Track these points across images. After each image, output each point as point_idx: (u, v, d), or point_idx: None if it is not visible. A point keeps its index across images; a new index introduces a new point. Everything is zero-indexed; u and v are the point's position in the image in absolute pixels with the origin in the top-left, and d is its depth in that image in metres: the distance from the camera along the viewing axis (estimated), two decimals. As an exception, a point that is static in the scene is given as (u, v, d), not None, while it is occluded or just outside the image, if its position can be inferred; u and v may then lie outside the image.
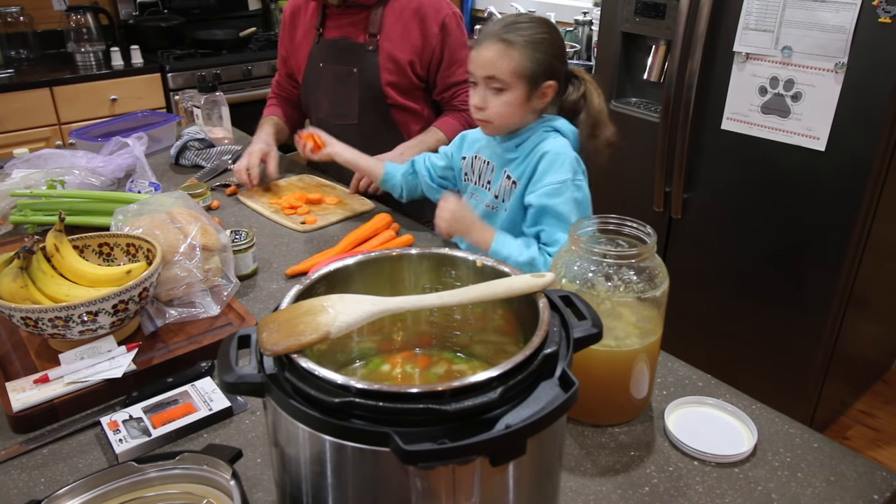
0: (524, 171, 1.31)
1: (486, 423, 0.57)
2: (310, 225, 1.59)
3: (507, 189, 1.34)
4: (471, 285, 0.74)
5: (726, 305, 2.20)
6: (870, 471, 0.88)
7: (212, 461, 0.77)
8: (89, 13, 3.27)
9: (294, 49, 1.90)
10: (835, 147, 1.83)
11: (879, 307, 2.31)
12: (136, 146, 1.81)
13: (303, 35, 1.87)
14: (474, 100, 1.29)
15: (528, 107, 1.29)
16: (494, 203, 1.38)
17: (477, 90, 1.29)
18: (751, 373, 2.16)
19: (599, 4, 2.50)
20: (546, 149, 1.28)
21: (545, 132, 1.31)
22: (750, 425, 0.95)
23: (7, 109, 2.90)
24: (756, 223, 2.05)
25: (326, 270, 0.78)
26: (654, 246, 0.92)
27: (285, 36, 1.92)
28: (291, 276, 1.37)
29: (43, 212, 1.52)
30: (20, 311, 0.98)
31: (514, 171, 1.33)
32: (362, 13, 1.76)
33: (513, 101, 1.26)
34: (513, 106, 1.27)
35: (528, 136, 1.32)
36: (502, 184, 1.35)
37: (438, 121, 1.83)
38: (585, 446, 0.93)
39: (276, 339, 0.64)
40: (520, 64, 1.24)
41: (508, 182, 1.34)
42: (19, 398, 0.96)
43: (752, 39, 1.91)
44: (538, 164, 1.28)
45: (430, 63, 1.76)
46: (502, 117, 1.29)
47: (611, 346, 0.92)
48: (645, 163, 2.26)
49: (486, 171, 1.39)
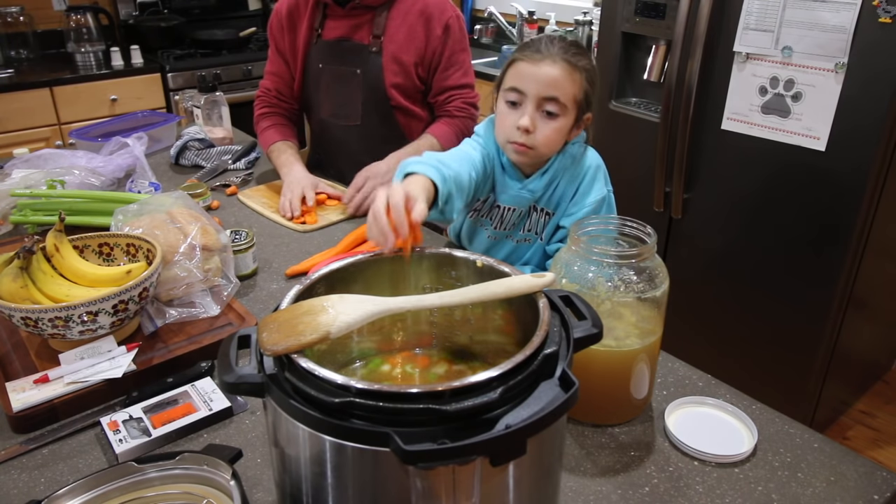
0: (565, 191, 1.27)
1: (486, 423, 0.57)
2: (310, 225, 1.59)
3: (541, 222, 1.31)
4: (471, 285, 0.74)
5: (726, 305, 2.20)
6: (870, 471, 0.88)
7: (212, 461, 0.77)
8: (89, 13, 3.27)
9: (291, 51, 1.85)
10: (835, 147, 1.83)
11: (879, 307, 2.31)
12: (136, 146, 1.81)
13: (300, 36, 1.82)
14: (523, 121, 1.17)
15: (568, 137, 1.23)
16: (527, 236, 1.34)
17: (525, 110, 1.18)
18: (751, 373, 2.16)
19: (599, 4, 2.51)
20: (591, 162, 1.26)
21: (573, 145, 1.26)
22: (750, 425, 0.95)
23: (7, 109, 2.90)
24: (756, 223, 2.05)
25: (326, 270, 0.78)
26: (654, 246, 0.92)
27: (281, 37, 1.84)
28: (291, 276, 1.37)
29: (43, 212, 1.52)
30: (20, 311, 0.98)
31: (548, 204, 1.29)
32: (367, 14, 1.75)
33: (562, 129, 1.19)
34: (561, 134, 1.20)
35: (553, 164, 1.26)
36: (535, 218, 1.31)
37: (432, 126, 1.79)
38: (585, 446, 0.93)
39: (276, 339, 0.64)
40: (580, 90, 1.18)
41: (541, 214, 1.30)
42: (19, 398, 0.96)
43: (753, 39, 1.91)
44: (583, 179, 1.25)
45: (430, 65, 1.75)
46: (548, 146, 1.21)
47: (611, 346, 0.92)
48: (645, 163, 2.26)
49: (513, 216, 1.32)
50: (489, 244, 1.39)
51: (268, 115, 1.90)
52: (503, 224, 1.34)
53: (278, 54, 1.87)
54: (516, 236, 1.36)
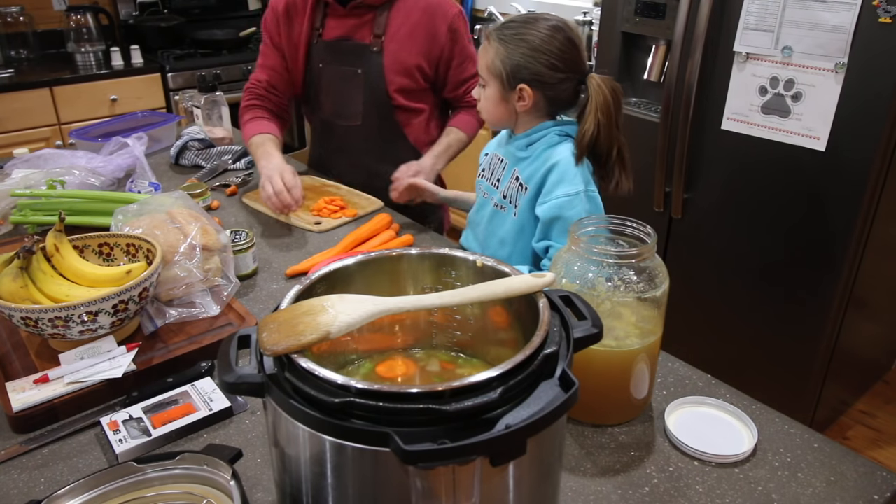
0: (532, 175, 1.28)
1: (486, 423, 0.57)
2: (326, 225, 1.59)
3: (514, 191, 1.32)
4: (471, 285, 0.74)
5: (726, 305, 2.20)
6: (870, 471, 0.88)
7: (212, 461, 0.77)
8: (89, 13, 3.27)
9: (290, 48, 1.83)
10: (835, 147, 1.83)
11: (879, 307, 2.31)
12: (136, 146, 1.81)
13: (298, 34, 1.81)
14: (473, 92, 1.35)
15: (506, 107, 1.28)
16: (502, 203, 1.36)
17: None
18: (751, 373, 2.16)
19: (599, 4, 2.50)
20: (556, 159, 1.25)
21: (557, 136, 1.28)
22: (750, 425, 0.95)
23: (7, 109, 2.90)
24: (756, 223, 2.05)
25: (326, 270, 0.78)
26: (654, 246, 0.92)
27: (278, 33, 1.82)
28: (291, 276, 1.37)
29: (43, 212, 1.52)
30: (20, 311, 0.98)
31: (522, 173, 1.31)
32: (368, 14, 1.74)
33: (490, 98, 1.29)
34: (490, 102, 1.29)
35: (541, 137, 1.29)
36: (510, 184, 1.33)
37: (454, 119, 1.82)
38: (585, 446, 0.93)
39: (276, 339, 0.64)
40: (492, 62, 1.24)
41: (516, 184, 1.32)
42: (19, 398, 0.96)
43: (752, 39, 1.91)
44: (548, 175, 1.25)
45: (438, 63, 1.75)
46: (485, 112, 1.33)
47: (611, 346, 0.92)
48: (645, 163, 2.25)
49: (498, 169, 1.38)
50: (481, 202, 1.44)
51: (253, 108, 1.85)
52: (491, 170, 1.41)
53: (273, 48, 1.85)
54: (495, 197, 1.38)
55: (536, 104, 1.26)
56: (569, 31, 1.24)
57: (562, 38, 1.22)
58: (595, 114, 1.22)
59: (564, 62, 1.23)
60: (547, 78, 1.23)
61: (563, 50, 1.22)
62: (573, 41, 1.24)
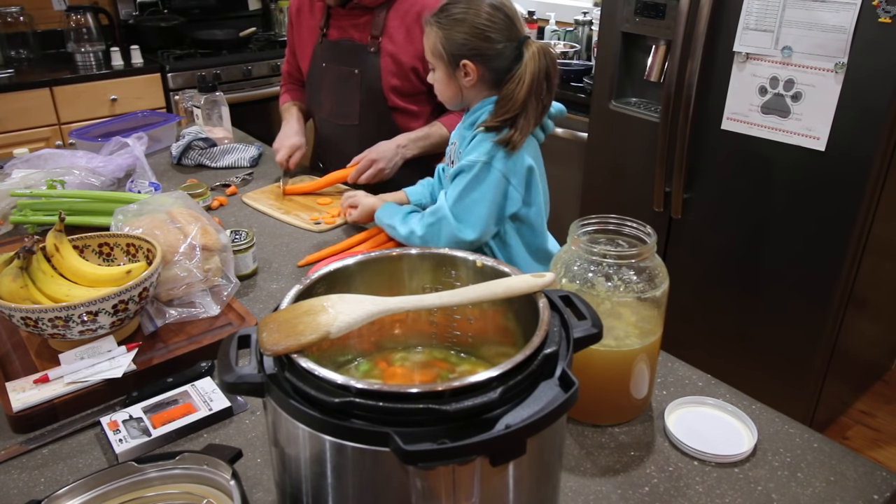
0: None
1: (486, 423, 0.57)
2: (327, 225, 1.60)
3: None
4: (471, 285, 0.74)
5: (726, 305, 2.20)
6: (870, 471, 0.88)
7: (212, 461, 0.77)
8: (89, 13, 3.27)
9: (300, 47, 1.91)
10: (835, 147, 1.83)
11: (879, 307, 2.31)
12: (136, 146, 1.81)
13: (307, 34, 1.87)
14: (428, 78, 1.39)
15: (455, 84, 1.33)
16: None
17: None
18: (751, 373, 2.16)
19: (599, 4, 2.51)
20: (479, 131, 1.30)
21: (485, 105, 1.32)
22: (750, 425, 0.95)
23: (7, 109, 2.90)
24: (756, 223, 2.06)
25: (326, 270, 0.78)
26: (654, 246, 0.92)
27: (292, 31, 1.95)
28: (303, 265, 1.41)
29: (43, 212, 1.52)
30: (20, 311, 0.98)
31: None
32: (366, 15, 1.76)
33: (440, 79, 1.34)
34: (440, 84, 1.35)
35: (482, 115, 1.32)
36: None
37: (442, 116, 1.83)
38: (585, 446, 0.93)
39: (276, 339, 0.64)
40: (434, 45, 1.30)
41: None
42: (19, 398, 0.96)
43: (752, 39, 1.91)
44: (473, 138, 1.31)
45: None
46: (439, 94, 1.38)
47: (611, 346, 0.92)
48: (645, 163, 2.26)
49: (455, 152, 1.41)
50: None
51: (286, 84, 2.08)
52: (450, 158, 1.44)
53: (290, 42, 2.00)
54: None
55: (482, 77, 1.30)
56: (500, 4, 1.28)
57: (490, 10, 1.27)
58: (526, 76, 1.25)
59: (499, 32, 1.27)
60: (485, 50, 1.28)
61: (496, 21, 1.27)
62: (504, 10, 1.28)
